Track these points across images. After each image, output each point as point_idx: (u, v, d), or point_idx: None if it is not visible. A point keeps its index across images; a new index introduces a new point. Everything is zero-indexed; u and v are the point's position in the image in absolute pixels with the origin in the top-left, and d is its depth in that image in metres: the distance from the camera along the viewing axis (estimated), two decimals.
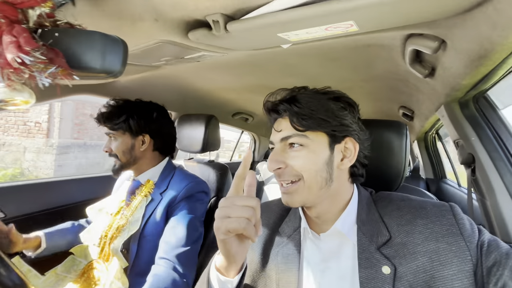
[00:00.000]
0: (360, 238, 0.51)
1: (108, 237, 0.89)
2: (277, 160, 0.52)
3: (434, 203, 0.52)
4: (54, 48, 0.41)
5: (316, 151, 0.51)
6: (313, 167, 0.50)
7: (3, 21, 0.39)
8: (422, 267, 0.45)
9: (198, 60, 0.79)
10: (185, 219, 0.89)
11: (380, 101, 1.37)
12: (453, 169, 1.79)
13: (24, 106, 0.46)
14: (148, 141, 0.95)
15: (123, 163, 0.93)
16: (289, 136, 0.52)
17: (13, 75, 0.36)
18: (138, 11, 0.50)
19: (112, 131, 0.91)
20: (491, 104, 0.81)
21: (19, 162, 5.89)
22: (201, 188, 0.98)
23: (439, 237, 0.46)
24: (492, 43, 0.45)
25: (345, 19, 0.45)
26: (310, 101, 0.51)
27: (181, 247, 0.84)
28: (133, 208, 0.92)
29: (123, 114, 0.91)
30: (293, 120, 0.51)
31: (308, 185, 0.51)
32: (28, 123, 5.92)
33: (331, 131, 0.52)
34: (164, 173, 0.98)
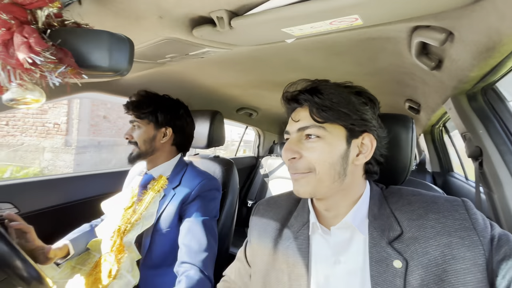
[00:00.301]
0: (372, 233, 0.51)
1: (122, 231, 0.91)
2: (292, 150, 0.51)
3: (446, 198, 0.52)
4: (63, 48, 0.42)
5: (332, 144, 0.51)
6: (328, 159, 0.50)
7: (13, 22, 0.40)
8: (434, 261, 0.45)
9: (203, 57, 0.80)
10: (202, 220, 0.90)
11: (386, 94, 1.35)
12: (461, 162, 1.77)
13: (35, 104, 0.47)
14: (170, 134, 0.98)
15: (141, 151, 0.95)
16: (306, 126, 0.51)
17: (25, 75, 0.37)
18: (143, 9, 0.50)
19: (138, 119, 0.94)
20: (500, 96, 0.80)
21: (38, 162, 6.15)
22: (214, 186, 1.00)
23: (452, 232, 0.46)
24: (501, 35, 0.44)
25: (350, 13, 0.45)
26: (332, 92, 0.51)
27: (204, 252, 0.86)
28: (146, 203, 0.94)
29: (151, 105, 0.95)
30: (312, 110, 0.50)
31: (320, 178, 0.51)
32: (46, 124, 6.21)
33: (350, 125, 0.51)
34: (177, 168, 1.00)
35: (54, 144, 6.14)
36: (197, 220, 0.90)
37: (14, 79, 0.37)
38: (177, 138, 1.01)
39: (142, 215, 0.92)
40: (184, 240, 0.88)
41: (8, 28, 0.39)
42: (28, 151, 6.16)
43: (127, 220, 0.92)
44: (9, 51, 0.37)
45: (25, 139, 6.20)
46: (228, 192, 1.25)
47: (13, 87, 0.40)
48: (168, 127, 0.98)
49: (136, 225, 0.90)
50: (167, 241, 0.91)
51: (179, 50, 0.71)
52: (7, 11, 0.39)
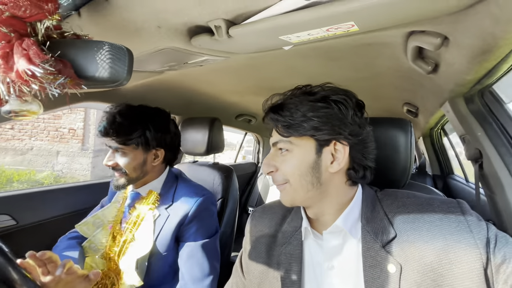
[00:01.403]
0: (365, 236, 0.50)
1: (116, 252, 0.86)
2: (269, 164, 0.55)
3: (442, 200, 0.51)
4: (62, 59, 0.42)
5: (299, 156, 0.52)
6: (296, 171, 0.52)
7: (13, 35, 0.40)
8: (430, 265, 0.44)
9: (201, 65, 0.80)
10: (202, 244, 0.86)
11: (384, 98, 1.36)
12: (460, 165, 1.77)
13: (32, 116, 0.47)
14: (162, 155, 0.88)
15: (132, 178, 0.84)
16: (276, 142, 0.55)
17: (24, 87, 0.38)
18: (142, 19, 0.51)
19: (122, 146, 0.79)
20: (497, 98, 0.80)
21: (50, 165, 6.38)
22: (210, 201, 0.94)
23: (447, 235, 0.45)
24: (496, 38, 0.45)
25: (346, 20, 0.45)
26: (293, 107, 0.52)
27: (207, 277, 0.84)
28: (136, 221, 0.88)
29: (137, 126, 0.80)
30: (277, 127, 0.54)
31: (294, 188, 0.53)
32: (60, 129, 6.48)
33: (315, 136, 0.52)
34: (167, 184, 0.92)
35: (69, 148, 6.45)
36: (197, 244, 0.85)
37: (13, 91, 0.37)
38: (167, 155, 0.91)
39: (136, 236, 0.86)
40: (186, 266, 0.84)
41: (8, 40, 0.39)
42: (39, 155, 6.37)
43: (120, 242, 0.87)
44: (9, 63, 0.38)
45: (34, 143, 6.38)
46: (228, 200, 1.24)
47: (12, 99, 0.40)
48: (159, 148, 0.86)
49: (130, 247, 0.85)
50: (166, 263, 0.87)
51: (177, 59, 0.72)
52: (7, 24, 0.39)
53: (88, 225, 0.94)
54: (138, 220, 0.88)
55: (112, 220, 0.94)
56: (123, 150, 0.80)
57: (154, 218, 0.86)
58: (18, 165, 6.16)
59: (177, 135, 0.96)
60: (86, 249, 0.92)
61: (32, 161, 6.31)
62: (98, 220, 0.95)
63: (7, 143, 6.23)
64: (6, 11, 0.39)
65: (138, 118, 0.81)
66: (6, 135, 6.25)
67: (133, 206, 0.92)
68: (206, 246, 0.87)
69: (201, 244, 0.86)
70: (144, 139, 0.80)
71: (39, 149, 6.35)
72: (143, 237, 0.85)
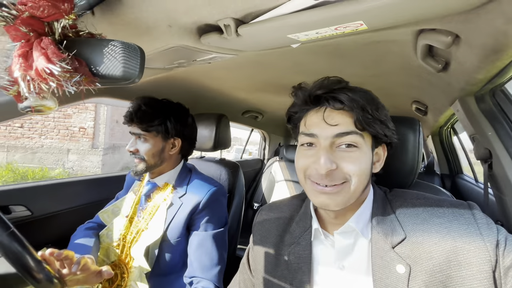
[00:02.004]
0: (375, 237, 0.50)
1: (128, 240, 0.90)
2: (331, 160, 0.46)
3: (451, 202, 0.50)
4: (78, 58, 0.44)
5: (366, 153, 0.48)
6: (364, 170, 0.48)
7: (31, 34, 0.42)
8: (439, 266, 0.44)
9: (210, 62, 0.81)
10: (213, 234, 0.89)
11: (392, 96, 1.35)
12: (470, 164, 1.74)
13: (47, 112, 0.49)
14: (179, 145, 0.93)
15: (149, 165, 0.89)
16: (347, 132, 0.46)
17: (43, 84, 0.39)
18: (153, 18, 0.52)
19: (144, 132, 0.86)
20: (509, 98, 0.79)
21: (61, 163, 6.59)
22: (221, 192, 0.98)
23: (457, 237, 0.44)
24: (508, 37, 0.44)
25: (354, 19, 0.45)
26: (371, 98, 0.48)
27: (216, 266, 0.87)
28: (151, 211, 0.92)
29: (159, 115, 0.87)
30: (359, 115, 0.46)
31: (354, 188, 0.48)
32: (70, 128, 6.68)
33: (382, 135, 0.49)
34: (181, 176, 0.97)
35: (80, 146, 6.66)
36: (207, 234, 0.88)
37: (33, 88, 0.39)
38: (185, 146, 0.98)
39: (149, 225, 0.89)
40: (195, 255, 0.87)
41: (27, 40, 0.41)
42: (49, 153, 6.58)
43: (132, 229, 0.91)
44: (28, 61, 0.39)
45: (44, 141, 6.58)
46: (234, 195, 1.26)
47: (30, 96, 0.42)
48: (177, 137, 0.93)
49: (143, 235, 0.88)
50: (176, 251, 0.90)
51: (187, 56, 0.73)
52: (26, 24, 0.41)
53: (108, 213, 0.99)
54: (153, 210, 0.92)
55: (129, 209, 0.97)
56: (144, 136, 0.87)
57: (166, 207, 0.90)
58: (28, 163, 6.35)
59: (194, 129, 1.01)
60: (103, 237, 0.96)
61: (43, 159, 6.49)
62: (117, 209, 1.00)
63: (17, 141, 6.41)
64: (26, 11, 0.40)
65: (161, 109, 0.88)
66: (15, 133, 6.42)
67: (149, 196, 0.96)
68: (216, 236, 0.89)
69: (212, 234, 0.89)
70: (164, 127, 0.87)
71: (49, 147, 6.54)
72: (155, 225, 0.88)
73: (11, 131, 6.39)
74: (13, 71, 0.39)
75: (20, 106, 0.45)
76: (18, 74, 0.39)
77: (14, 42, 0.41)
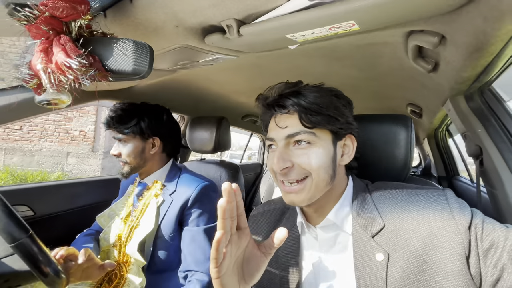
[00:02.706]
0: (355, 228, 0.52)
1: (123, 240, 0.93)
2: (284, 159, 0.50)
3: (428, 189, 0.52)
4: (92, 54, 0.47)
5: (324, 148, 0.51)
6: (322, 164, 0.50)
7: (51, 32, 0.46)
8: (415, 252, 0.46)
9: (212, 63, 0.85)
10: (204, 229, 0.91)
11: (388, 98, 1.39)
12: (465, 166, 1.77)
13: (61, 105, 0.52)
14: (159, 144, 0.97)
15: (133, 167, 0.95)
16: (296, 133, 0.50)
17: (62, 77, 0.43)
18: (161, 19, 0.56)
19: (122, 135, 0.91)
20: (496, 96, 0.83)
21: (59, 166, 6.55)
22: (212, 188, 1.00)
23: (431, 222, 0.46)
24: (487, 35, 0.48)
25: (347, 19, 0.50)
26: (317, 96, 0.50)
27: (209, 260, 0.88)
28: (142, 209, 0.95)
29: (133, 117, 0.92)
30: (301, 116, 0.49)
31: (316, 183, 0.50)
32: (71, 131, 6.67)
33: (337, 128, 0.51)
34: (171, 174, 1.00)
35: (80, 150, 6.65)
36: (199, 228, 0.91)
37: (53, 80, 0.43)
38: (166, 145, 1.00)
39: (140, 221, 0.92)
40: (189, 249, 0.89)
41: (47, 37, 0.45)
42: (48, 156, 6.54)
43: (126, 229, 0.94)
44: (49, 56, 0.43)
45: (43, 144, 6.55)
46: None
47: (49, 89, 0.45)
48: (155, 137, 0.96)
49: (135, 233, 0.91)
50: (170, 247, 0.92)
51: (190, 57, 0.77)
52: (47, 23, 0.45)
53: (105, 217, 1.02)
54: (144, 207, 0.95)
55: (123, 211, 1.00)
56: (124, 139, 0.93)
57: (158, 204, 0.93)
58: (26, 166, 6.32)
59: (172, 126, 1.04)
60: (101, 241, 0.98)
61: (41, 162, 6.46)
62: (112, 212, 1.02)
63: (15, 144, 6.38)
64: (46, 12, 0.44)
65: (135, 111, 0.94)
66: (14, 136, 6.40)
67: (140, 195, 1.00)
68: (208, 231, 0.92)
69: (203, 229, 0.91)
70: (139, 128, 0.92)
71: (48, 150, 6.52)
72: (146, 221, 0.91)
73: (10, 133, 6.36)
74: (35, 64, 0.43)
75: (37, 99, 0.48)
76: (40, 67, 0.42)
77: (35, 40, 0.45)
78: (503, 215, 0.78)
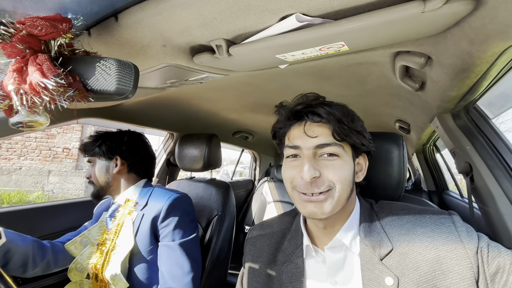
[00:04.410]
0: (363, 249, 0.51)
1: (99, 267, 0.88)
2: (314, 168, 0.48)
3: (434, 211, 0.52)
4: (73, 74, 0.45)
5: (348, 162, 0.51)
6: (347, 177, 0.50)
7: (27, 51, 0.43)
8: (424, 277, 0.45)
9: (201, 82, 0.84)
10: (179, 243, 0.90)
11: (376, 115, 1.41)
12: (454, 180, 1.80)
13: (39, 128, 0.49)
14: (120, 163, 1.00)
15: (99, 187, 1.00)
16: (327, 144, 0.49)
17: (36, 98, 0.40)
18: (148, 38, 0.54)
19: (90, 157, 1.02)
20: (482, 114, 0.85)
21: (40, 185, 6.21)
22: (185, 201, 0.99)
23: (439, 246, 0.46)
24: (472, 57, 0.49)
25: (336, 40, 0.50)
26: (347, 111, 0.52)
27: (187, 275, 0.87)
28: (117, 229, 0.92)
29: (96, 141, 1.02)
30: (335, 127, 0.49)
31: (339, 196, 0.49)
32: (53, 148, 6.38)
33: (360, 144, 0.52)
34: (143, 192, 1.01)
35: (63, 168, 6.35)
36: (175, 243, 0.90)
37: (26, 102, 0.39)
38: (130, 164, 1.03)
39: (117, 242, 0.89)
40: (165, 266, 0.87)
41: (23, 56, 0.42)
42: (28, 175, 6.20)
43: (103, 255, 0.90)
44: (22, 76, 0.40)
45: (23, 162, 6.22)
46: (225, 215, 1.23)
47: (22, 111, 0.42)
48: (116, 156, 1.01)
49: (112, 256, 0.87)
50: (148, 264, 0.89)
51: (179, 76, 0.75)
52: (23, 42, 0.42)
53: (76, 244, 0.95)
54: (118, 228, 0.92)
55: (98, 237, 0.95)
56: (91, 161, 1.03)
57: (132, 221, 0.92)
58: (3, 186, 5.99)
59: (135, 146, 1.06)
60: (72, 272, 0.91)
61: (20, 181, 6.13)
62: (85, 239, 0.96)
63: None
64: (24, 30, 0.42)
65: (97, 136, 1.04)
66: None
67: (114, 216, 0.97)
68: (183, 246, 0.90)
69: (179, 244, 0.89)
70: (100, 149, 1.00)
71: (28, 169, 6.21)
72: (124, 239, 0.88)
73: None
74: (6, 85, 0.40)
75: (11, 121, 0.44)
76: (11, 88, 0.39)
77: (9, 59, 0.42)
78: (497, 232, 0.77)
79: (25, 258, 0.83)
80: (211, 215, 1.21)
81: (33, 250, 0.85)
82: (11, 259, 0.79)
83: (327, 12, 0.44)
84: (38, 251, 0.87)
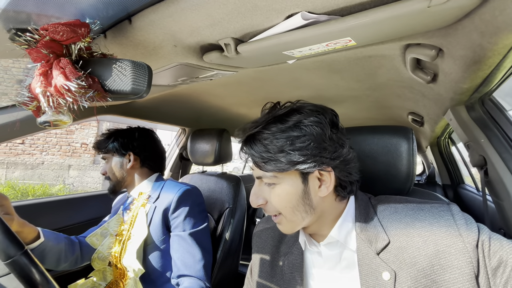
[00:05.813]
0: (360, 244, 0.50)
1: (118, 256, 0.94)
2: (257, 196, 0.52)
3: (432, 204, 0.51)
4: (92, 76, 0.48)
5: (287, 189, 0.49)
6: (288, 204, 0.50)
7: (51, 55, 0.46)
8: (423, 271, 0.44)
9: (211, 79, 0.86)
10: (190, 233, 0.94)
11: (388, 108, 1.39)
12: (470, 174, 1.75)
13: (63, 126, 0.53)
14: (133, 158, 1.05)
15: (114, 182, 1.05)
16: (260, 176, 0.52)
17: (61, 99, 0.43)
18: (160, 39, 0.57)
19: (104, 154, 1.06)
20: (498, 106, 0.82)
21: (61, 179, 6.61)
22: (194, 193, 1.03)
23: (438, 240, 0.45)
24: (484, 49, 0.48)
25: (343, 36, 0.50)
26: (268, 142, 0.48)
27: (199, 262, 0.91)
28: (132, 220, 0.97)
29: (109, 138, 1.06)
30: (256, 163, 0.50)
31: (290, 218, 0.51)
32: (72, 144, 6.73)
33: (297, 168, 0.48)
34: (155, 185, 1.06)
35: (81, 162, 6.69)
36: (185, 233, 0.94)
37: (52, 103, 0.43)
38: (143, 159, 1.07)
39: (132, 232, 0.95)
40: (177, 254, 0.92)
41: (47, 60, 0.46)
42: (50, 169, 6.58)
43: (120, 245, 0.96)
44: (48, 79, 0.43)
45: (45, 157, 6.60)
46: (236, 208, 1.27)
47: (48, 111, 0.46)
48: (129, 152, 1.05)
49: (129, 245, 0.93)
50: (161, 253, 0.94)
51: (190, 73, 0.78)
52: (47, 47, 0.45)
53: (97, 236, 1.02)
54: (133, 219, 0.98)
55: (116, 229, 1.01)
56: (106, 158, 1.07)
57: (146, 212, 0.97)
58: (28, 179, 6.35)
59: (146, 141, 1.10)
60: (95, 261, 0.98)
61: (43, 175, 6.50)
62: (105, 231, 1.03)
63: (17, 158, 6.43)
64: (47, 36, 0.45)
65: (110, 133, 1.08)
66: (16, 149, 6.45)
67: (128, 208, 1.03)
68: (194, 235, 0.94)
69: (189, 233, 0.94)
70: (114, 146, 1.05)
71: (50, 163, 6.56)
72: (138, 229, 0.93)
73: (12, 147, 6.41)
74: (34, 88, 0.43)
75: (39, 121, 0.48)
76: (39, 91, 0.43)
77: (35, 63, 0.46)
78: (510, 226, 0.76)
79: (59, 255, 0.90)
80: (223, 207, 1.25)
81: (65, 247, 0.92)
82: (46, 256, 0.85)
83: (332, 9, 0.45)
84: (69, 247, 0.94)
